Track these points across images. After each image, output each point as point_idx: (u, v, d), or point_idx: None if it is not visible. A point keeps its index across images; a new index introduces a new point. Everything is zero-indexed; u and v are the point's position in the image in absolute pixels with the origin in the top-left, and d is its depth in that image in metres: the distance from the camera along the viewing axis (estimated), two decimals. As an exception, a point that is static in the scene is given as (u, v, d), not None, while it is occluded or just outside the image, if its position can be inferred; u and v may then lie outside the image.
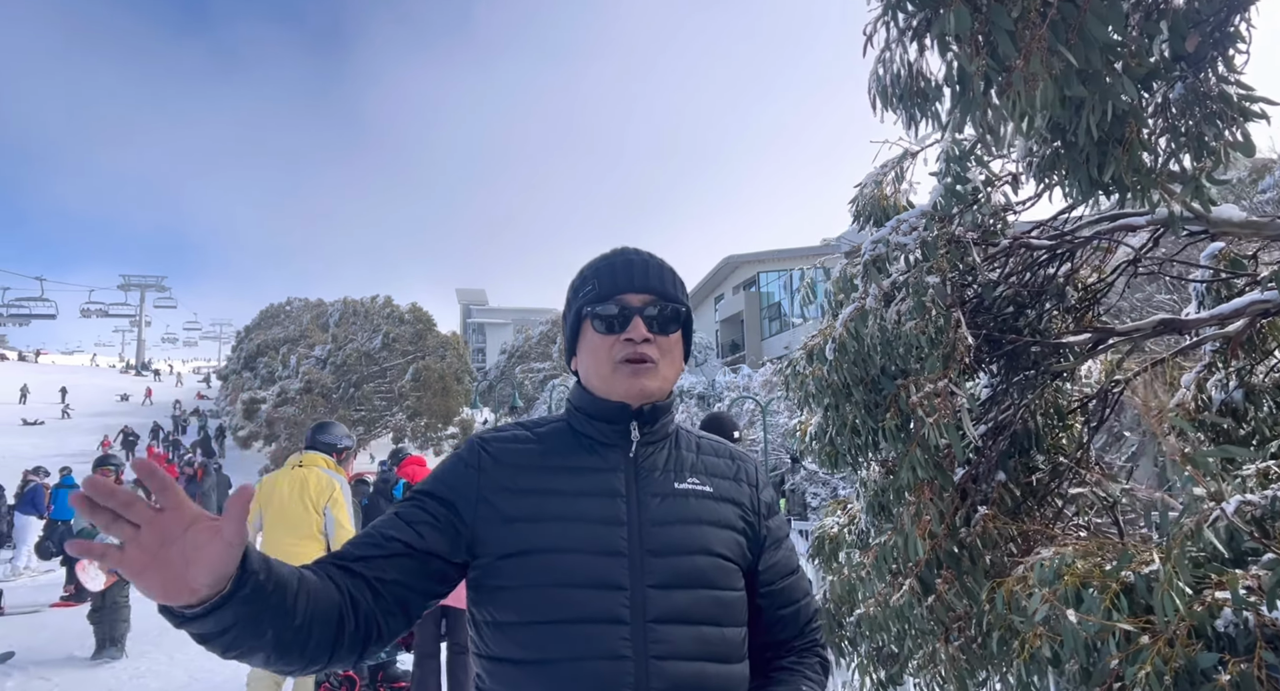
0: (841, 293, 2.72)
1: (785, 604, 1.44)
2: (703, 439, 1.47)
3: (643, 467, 1.34)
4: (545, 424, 1.42)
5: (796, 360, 2.81)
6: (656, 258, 1.43)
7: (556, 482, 1.30)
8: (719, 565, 1.31)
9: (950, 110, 1.92)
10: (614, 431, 1.35)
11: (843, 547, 3.21)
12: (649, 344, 1.32)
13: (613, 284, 1.35)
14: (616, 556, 1.24)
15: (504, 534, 1.26)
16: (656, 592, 1.24)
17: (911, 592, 2.69)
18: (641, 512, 1.29)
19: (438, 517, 1.28)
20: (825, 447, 2.85)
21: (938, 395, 2.48)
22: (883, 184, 3.01)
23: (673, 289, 1.38)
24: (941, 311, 2.54)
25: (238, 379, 47.06)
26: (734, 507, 1.38)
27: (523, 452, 1.34)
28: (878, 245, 2.59)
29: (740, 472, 1.44)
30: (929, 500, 2.63)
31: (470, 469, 1.32)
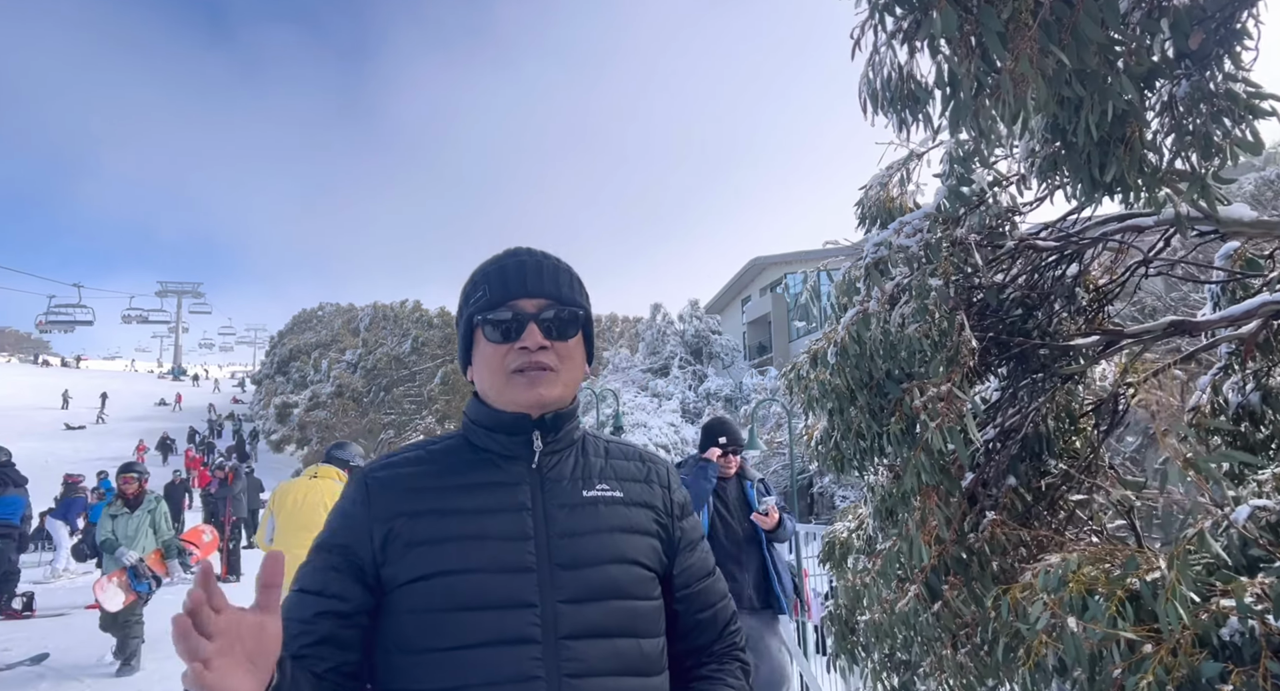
0: (845, 296, 2.70)
1: (702, 607, 1.38)
2: (611, 443, 1.41)
3: (548, 478, 1.28)
4: (440, 442, 1.35)
5: (800, 364, 2.80)
6: (553, 257, 1.35)
7: (456, 501, 1.23)
8: (633, 573, 1.26)
9: (941, 113, 1.90)
10: (515, 443, 1.28)
11: (851, 552, 3.18)
12: (546, 351, 1.26)
13: (504, 289, 1.27)
14: (524, 572, 1.19)
15: (405, 561, 1.20)
16: (568, 607, 1.19)
17: (918, 599, 2.66)
18: (549, 525, 1.23)
19: (342, 569, 1.22)
20: (831, 452, 2.83)
21: (941, 399, 2.46)
22: (888, 186, 2.99)
23: (569, 291, 1.31)
24: (945, 314, 2.51)
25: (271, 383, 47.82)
26: (647, 511, 1.33)
27: (416, 475, 1.27)
28: (879, 248, 2.57)
29: (651, 474, 1.38)
30: (935, 505, 2.60)
31: (357, 504, 1.26)
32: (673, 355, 38.51)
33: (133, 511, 7.30)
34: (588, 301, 1.36)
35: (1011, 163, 2.64)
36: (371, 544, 1.22)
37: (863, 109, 2.08)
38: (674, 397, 35.49)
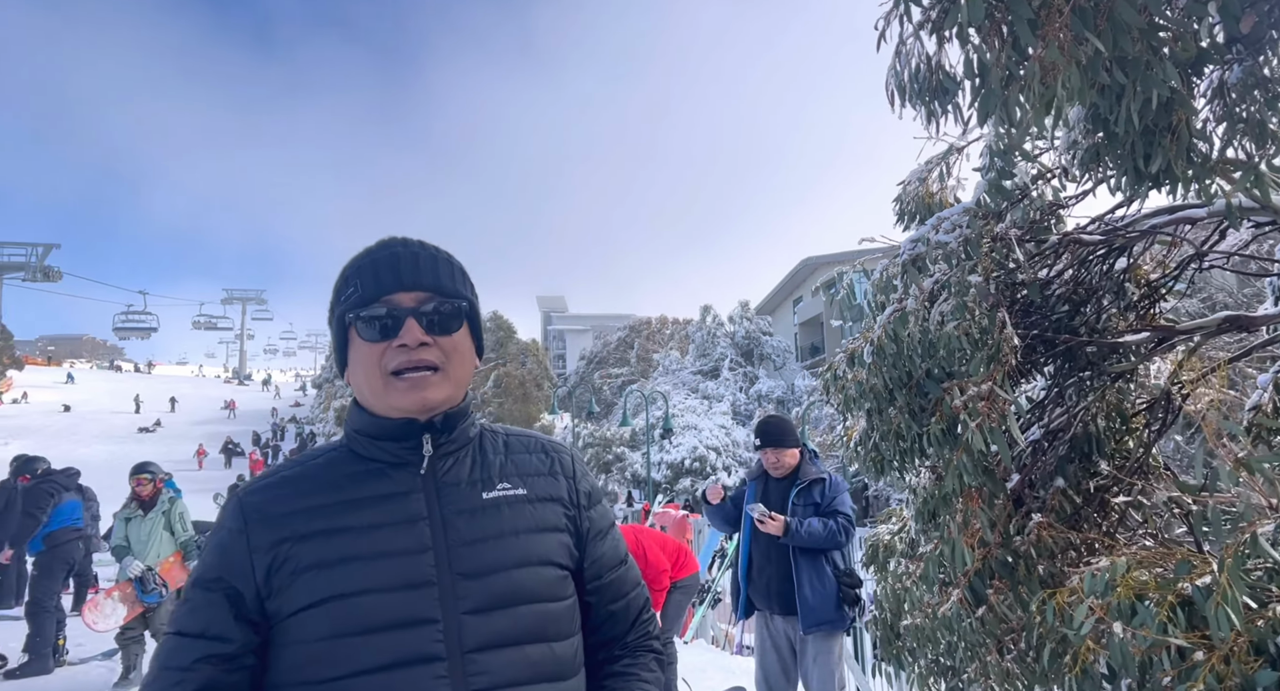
0: (881, 294, 2.66)
1: (614, 598, 1.33)
2: (511, 436, 1.32)
3: (444, 483, 1.19)
4: (322, 454, 1.24)
5: (836, 364, 2.76)
6: (431, 247, 1.24)
7: (344, 519, 1.14)
8: (543, 575, 1.19)
9: (970, 104, 1.85)
10: (403, 449, 1.19)
11: (894, 556, 3.13)
12: (428, 348, 1.16)
13: (377, 283, 1.17)
14: (425, 587, 1.11)
15: (292, 590, 1.11)
16: (473, 619, 1.12)
17: (961, 603, 2.60)
18: (448, 533, 1.15)
19: (222, 606, 1.13)
20: (870, 454, 2.78)
21: (982, 398, 2.39)
22: (927, 181, 2.93)
23: (450, 282, 1.21)
24: (985, 312, 2.45)
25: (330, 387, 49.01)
26: (553, 505, 1.26)
27: (296, 495, 1.17)
28: (917, 244, 2.52)
29: (555, 466, 1.30)
30: (978, 507, 2.54)
31: (234, 534, 1.16)
32: (723, 357, 38.36)
33: (146, 513, 6.87)
34: (473, 293, 1.27)
35: (1054, 155, 2.56)
36: (254, 576, 1.13)
37: (890, 101, 2.05)
38: (725, 399, 35.34)
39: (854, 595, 4.12)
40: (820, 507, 4.21)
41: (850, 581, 4.12)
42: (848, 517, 4.13)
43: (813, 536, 4.10)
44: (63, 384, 63.86)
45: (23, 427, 43.08)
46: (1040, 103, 1.82)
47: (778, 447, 4.30)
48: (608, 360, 52.16)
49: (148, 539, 6.77)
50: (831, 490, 4.22)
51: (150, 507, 6.88)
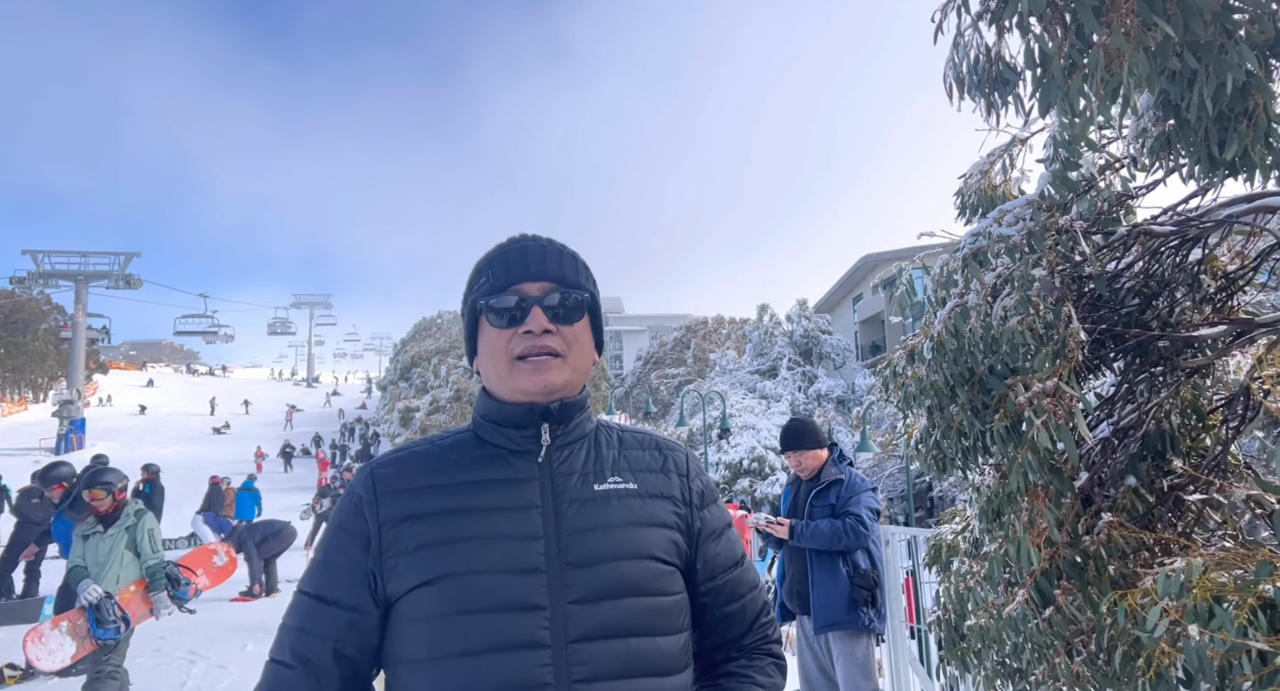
0: (942, 289, 2.62)
1: (730, 599, 1.32)
2: (626, 432, 1.35)
3: (559, 473, 1.23)
4: (450, 436, 1.30)
5: (895, 361, 2.73)
6: (557, 243, 1.31)
7: (465, 500, 1.19)
8: (650, 568, 1.20)
9: (1031, 94, 1.82)
10: (524, 437, 1.23)
11: (957, 555, 3.07)
12: (551, 335, 1.21)
13: (507, 273, 1.24)
14: (533, 574, 1.15)
15: (410, 565, 1.16)
16: (579, 608, 1.14)
17: (1027, 603, 2.54)
18: (559, 522, 1.18)
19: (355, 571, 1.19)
20: (931, 452, 2.74)
21: (1048, 395, 2.34)
22: (989, 173, 2.87)
23: (574, 274, 1.27)
24: (1050, 306, 2.39)
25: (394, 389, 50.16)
26: (664, 502, 1.27)
27: (423, 472, 1.23)
28: (978, 238, 2.48)
29: (668, 463, 1.32)
30: (1043, 506, 2.48)
31: (364, 505, 1.21)
32: (781, 356, 38.01)
33: (106, 529, 5.63)
34: (594, 287, 1.32)
35: (1121, 144, 2.49)
36: (378, 545, 1.18)
37: (948, 94, 2.01)
38: (783, 399, 35.01)
39: (867, 595, 4.09)
40: (835, 508, 4.22)
41: (863, 582, 4.10)
42: (858, 518, 4.11)
43: (817, 537, 4.11)
44: (143, 387, 66.76)
45: (108, 430, 45.16)
46: (1105, 91, 1.78)
47: (797, 450, 4.34)
48: (664, 360, 52.18)
49: (106, 560, 5.58)
50: (847, 491, 4.24)
51: (112, 522, 5.68)
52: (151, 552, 5.70)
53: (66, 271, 49.59)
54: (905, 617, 6.06)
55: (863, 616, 4.12)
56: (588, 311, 1.28)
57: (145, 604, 5.67)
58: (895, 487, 24.46)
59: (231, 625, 9.15)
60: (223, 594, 12.00)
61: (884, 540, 6.38)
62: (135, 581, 5.64)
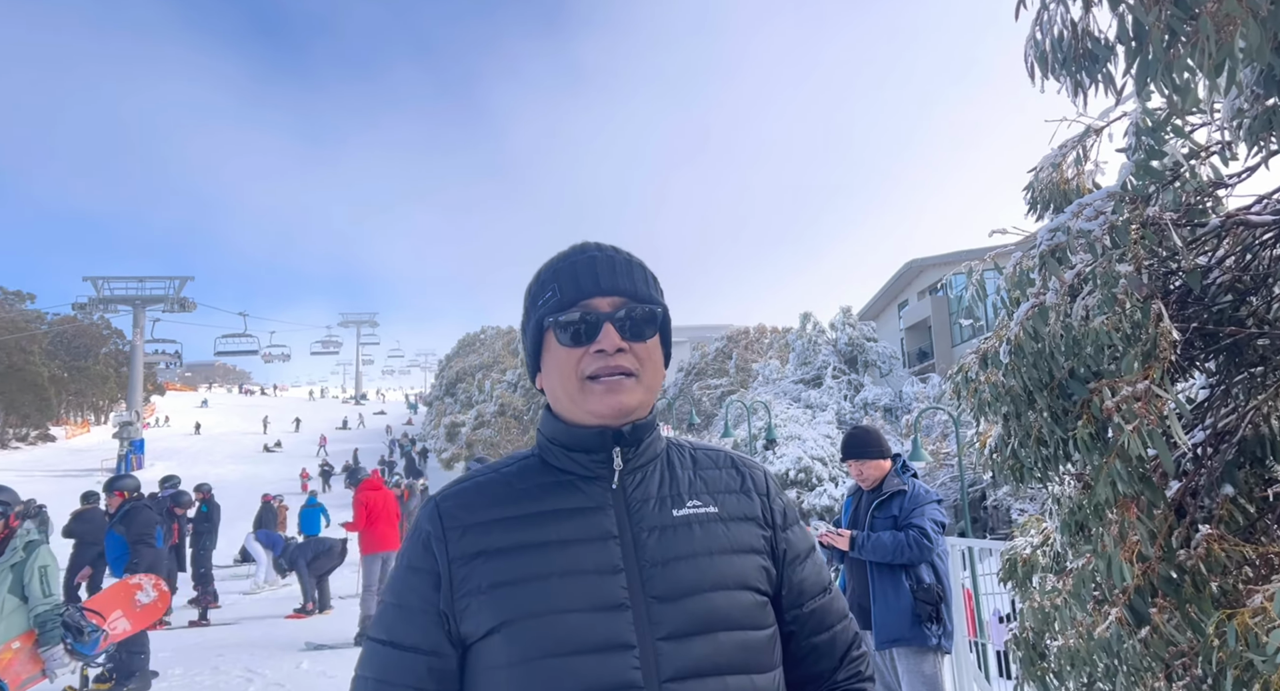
0: (1017, 289, 2.47)
1: (818, 629, 1.23)
2: (698, 450, 1.27)
3: (633, 499, 1.15)
4: (514, 462, 1.22)
5: (967, 366, 2.58)
6: (624, 252, 1.22)
7: (537, 533, 1.11)
8: (741, 600, 1.12)
9: (1125, 71, 1.68)
10: (595, 461, 1.16)
11: (1036, 571, 2.90)
12: (624, 354, 1.13)
13: (576, 288, 1.15)
14: (619, 610, 1.07)
15: (485, 605, 1.08)
16: (670, 645, 1.06)
17: (1120, 623, 2.37)
18: (639, 553, 1.10)
19: (430, 612, 1.12)
20: (1008, 461, 2.58)
21: (1137, 399, 2.18)
22: (1061, 166, 2.72)
23: (645, 288, 1.19)
24: (1137, 304, 2.23)
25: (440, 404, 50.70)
26: (748, 525, 1.18)
27: (491, 503, 1.15)
28: (1055, 234, 2.33)
29: (747, 482, 1.23)
30: (1134, 518, 2.31)
31: (431, 539, 1.14)
32: (825, 365, 37.52)
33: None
34: (663, 298, 1.24)
35: (1212, 130, 2.33)
36: (449, 585, 1.11)
37: (1030, 74, 1.88)
38: (829, 408, 34.51)
39: (931, 611, 3.92)
40: (898, 520, 4.06)
41: (927, 597, 3.93)
42: (921, 530, 3.94)
43: (879, 549, 3.95)
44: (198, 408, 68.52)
45: (166, 450, 46.38)
46: (1213, 64, 1.63)
47: (860, 460, 4.19)
48: (706, 371, 51.90)
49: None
50: (910, 502, 4.07)
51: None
52: (42, 597, 4.50)
53: (125, 296, 51.13)
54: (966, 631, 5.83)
55: (929, 633, 3.96)
56: (659, 327, 1.20)
57: (34, 663, 4.39)
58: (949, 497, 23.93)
59: (286, 642, 9.22)
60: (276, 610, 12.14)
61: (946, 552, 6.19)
62: (21, 635, 4.39)
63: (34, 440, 51.72)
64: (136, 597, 6.52)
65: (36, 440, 51.81)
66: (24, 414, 50.74)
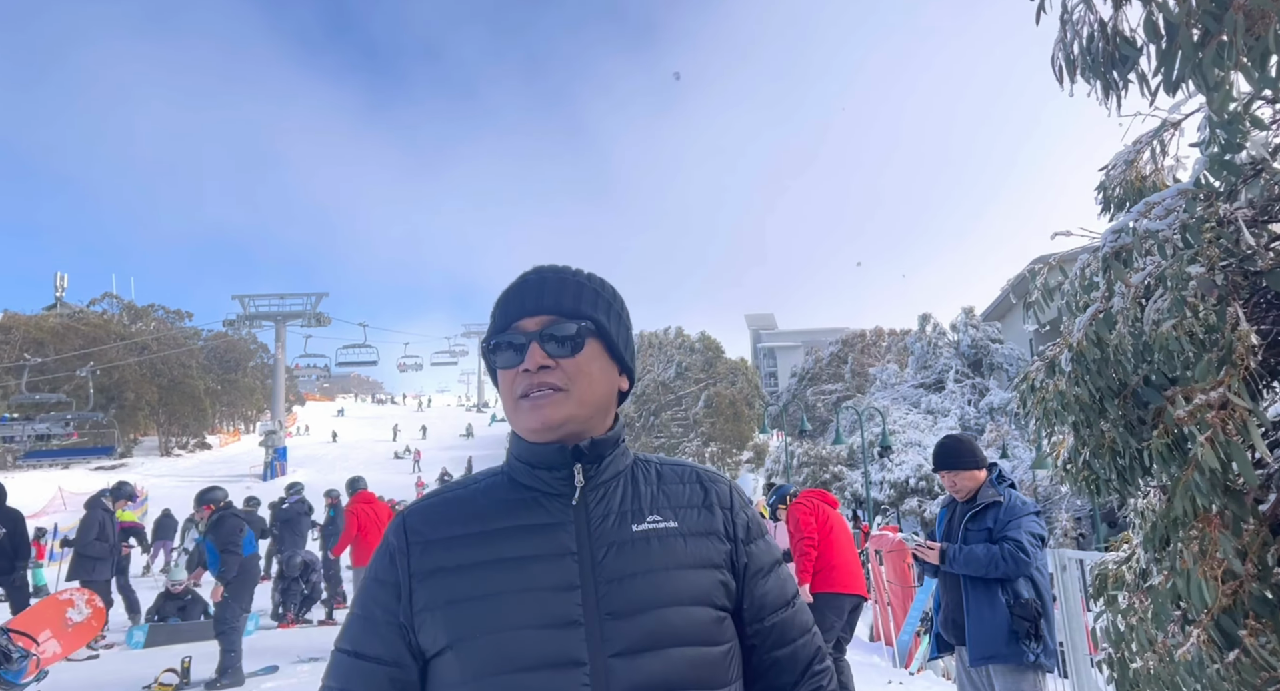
0: (1081, 294, 2.38)
1: (780, 643, 1.22)
2: (665, 465, 1.26)
3: (594, 515, 1.15)
4: (484, 478, 1.24)
5: (1033, 374, 2.50)
6: (564, 271, 1.24)
7: (497, 549, 1.12)
8: (696, 615, 1.12)
9: (1156, 70, 1.61)
10: (557, 478, 1.17)
11: (1123, 587, 2.76)
12: (550, 370, 1.14)
13: (506, 312, 1.19)
14: (571, 627, 1.07)
15: (440, 621, 1.10)
16: (621, 662, 1.06)
17: (1206, 645, 2.23)
18: (596, 571, 1.11)
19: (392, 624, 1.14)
20: (1082, 472, 2.48)
21: (1211, 408, 2.06)
22: (1136, 163, 2.59)
23: (574, 303, 1.19)
24: (1211, 307, 2.11)
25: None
26: (708, 539, 1.17)
27: (455, 519, 1.17)
28: (1120, 235, 2.24)
29: (710, 497, 1.22)
30: (1216, 533, 2.17)
31: (397, 555, 1.16)
32: (947, 368, 36.10)
33: None
34: (606, 311, 1.23)
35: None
36: (410, 600, 1.13)
37: (1058, 77, 1.82)
38: (951, 413, 33.17)
39: (1029, 628, 3.72)
40: (992, 533, 3.85)
41: (1024, 612, 3.73)
42: (1017, 543, 3.70)
43: (971, 563, 3.78)
44: (335, 417, 72.88)
45: (306, 457, 49.59)
46: (1255, 57, 1.56)
47: (952, 470, 4.03)
48: (820, 376, 50.90)
49: None
50: (1006, 514, 3.84)
51: None
52: None
53: (268, 313, 55.10)
54: (1087, 647, 5.53)
55: (1026, 650, 3.77)
56: (595, 338, 1.20)
57: None
58: (1083, 506, 22.54)
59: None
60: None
61: (1060, 565, 5.83)
62: None
63: (193, 448, 56.43)
64: (68, 615, 6.27)
65: (195, 448, 56.50)
66: (184, 423, 55.41)
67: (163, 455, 53.94)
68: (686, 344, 42.30)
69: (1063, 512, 22.57)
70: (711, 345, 41.76)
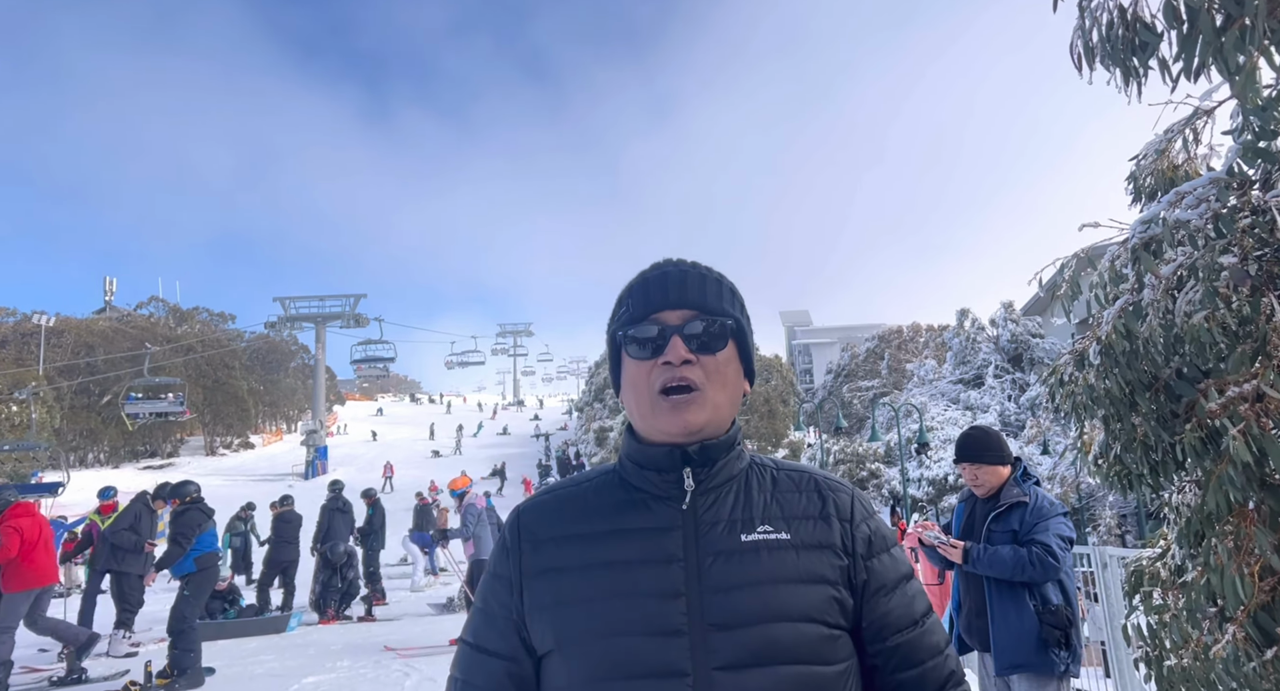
0: (1110, 286, 2.34)
1: (905, 665, 1.14)
2: (781, 472, 1.20)
3: (703, 521, 1.11)
4: (596, 476, 1.22)
5: (1061, 367, 2.46)
6: (702, 267, 1.21)
7: (606, 551, 1.11)
8: (805, 632, 1.06)
9: (1176, 56, 1.59)
10: (666, 481, 1.14)
11: (1158, 584, 2.71)
12: (691, 366, 1.11)
13: (646, 302, 1.16)
14: (675, 636, 1.04)
15: (548, 621, 1.10)
16: (726, 676, 1.02)
17: (1244, 642, 2.18)
18: (701, 578, 1.07)
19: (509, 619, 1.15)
20: (1113, 467, 2.44)
21: (1245, 400, 2.02)
22: (1167, 152, 2.54)
23: (717, 301, 1.16)
24: (1244, 298, 2.07)
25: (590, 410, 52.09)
26: (823, 553, 1.12)
27: (565, 518, 1.16)
28: (1149, 226, 2.20)
29: (829, 507, 1.16)
30: (1252, 528, 2.12)
31: (508, 551, 1.18)
32: (986, 363, 35.54)
33: None
34: (742, 312, 1.21)
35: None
36: (521, 597, 1.14)
37: (1076, 65, 1.79)
38: (990, 410, 32.67)
39: (1059, 636, 3.53)
40: (1018, 535, 3.65)
41: (1054, 620, 3.53)
42: (1046, 547, 3.48)
43: (996, 565, 3.58)
44: (374, 416, 73.94)
45: (346, 456, 50.39)
46: (1277, 42, 1.53)
47: (974, 463, 3.79)
48: (856, 372, 50.42)
49: None
50: (1033, 515, 3.62)
51: None
52: None
53: (308, 314, 56.10)
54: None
55: (1055, 659, 3.57)
56: (733, 339, 1.17)
57: None
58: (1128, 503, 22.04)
59: (442, 639, 9.82)
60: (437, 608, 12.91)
61: (1101, 562, 5.63)
62: None
63: (237, 447, 57.69)
64: None
65: (239, 447, 57.75)
66: (228, 424, 56.66)
67: (208, 455, 55.23)
68: (720, 342, 42.09)
69: (1106, 509, 22.08)
70: (745, 343, 41.53)
